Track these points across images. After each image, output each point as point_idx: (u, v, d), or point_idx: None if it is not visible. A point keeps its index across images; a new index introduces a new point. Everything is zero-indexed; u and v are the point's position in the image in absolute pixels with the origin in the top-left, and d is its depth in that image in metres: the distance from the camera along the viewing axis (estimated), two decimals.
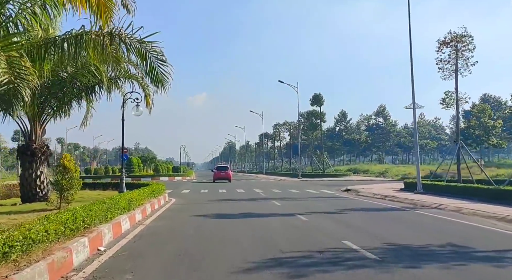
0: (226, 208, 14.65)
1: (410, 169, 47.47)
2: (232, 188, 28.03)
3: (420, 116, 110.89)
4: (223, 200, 18.12)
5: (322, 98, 50.10)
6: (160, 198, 16.24)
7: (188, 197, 20.26)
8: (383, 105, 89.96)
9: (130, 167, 51.18)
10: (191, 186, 31.55)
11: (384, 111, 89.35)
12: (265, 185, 33.31)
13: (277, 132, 78.95)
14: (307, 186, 30.97)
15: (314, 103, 50.16)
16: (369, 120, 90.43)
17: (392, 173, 45.55)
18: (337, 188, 28.11)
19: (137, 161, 53.72)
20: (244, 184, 35.61)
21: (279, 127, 75.70)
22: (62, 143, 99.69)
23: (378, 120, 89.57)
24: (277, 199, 18.67)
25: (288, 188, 27.39)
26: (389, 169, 47.60)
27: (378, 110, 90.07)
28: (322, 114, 50.63)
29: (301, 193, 23.12)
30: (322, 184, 34.53)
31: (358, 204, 16.38)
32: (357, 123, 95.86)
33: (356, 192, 23.41)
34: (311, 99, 50.36)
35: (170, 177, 50.66)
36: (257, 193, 22.73)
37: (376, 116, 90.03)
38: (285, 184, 35.32)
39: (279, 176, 56.97)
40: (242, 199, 18.59)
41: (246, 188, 28.14)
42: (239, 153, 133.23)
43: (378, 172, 48.83)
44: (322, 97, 50.00)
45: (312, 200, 18.47)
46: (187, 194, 22.91)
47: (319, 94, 50.06)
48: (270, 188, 28.39)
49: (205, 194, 22.70)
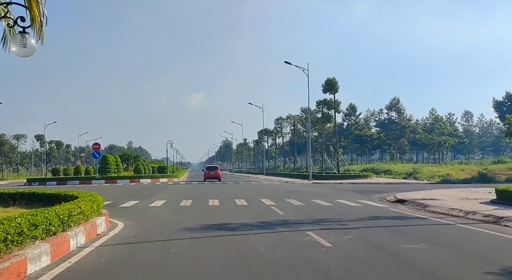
0: (217, 261, 6.25)
1: (444, 169, 39.35)
2: (228, 197, 19.61)
3: (431, 112, 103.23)
4: (212, 229, 9.65)
5: (337, 84, 41.66)
6: (81, 228, 7.80)
7: (150, 220, 11.74)
8: (396, 98, 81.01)
9: (105, 167, 42.62)
10: (171, 193, 23.10)
11: (398, 105, 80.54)
12: (272, 190, 24.91)
13: (279, 127, 70.54)
14: (332, 193, 22.59)
15: (327, 90, 41.71)
16: (380, 114, 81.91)
17: (423, 174, 37.29)
18: (377, 196, 19.90)
19: (114, 160, 45.10)
20: (245, 189, 27.17)
21: (281, 121, 67.11)
22: (42, 141, 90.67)
23: (391, 115, 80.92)
24: (310, 223, 10.30)
25: (309, 197, 19.01)
26: (419, 169, 39.37)
27: (391, 103, 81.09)
28: (336, 103, 42.12)
29: (336, 207, 14.73)
30: (347, 189, 26.15)
31: (488, 247, 8.03)
32: (364, 119, 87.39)
33: (419, 205, 15.08)
34: (323, 85, 41.91)
35: (154, 178, 42.24)
36: (269, 209, 14.26)
37: (389, 110, 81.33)
38: (297, 189, 26.92)
39: (283, 177, 48.58)
40: (247, 226, 10.13)
41: (248, 196, 19.75)
42: (235, 152, 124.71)
43: (404, 173, 40.56)
44: (336, 82, 41.57)
45: (376, 229, 9.98)
46: (156, 210, 14.38)
47: (333, 79, 41.62)
48: (282, 196, 20.00)
49: (185, 210, 14.19)
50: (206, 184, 34.56)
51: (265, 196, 20.02)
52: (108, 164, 42.54)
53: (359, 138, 73.50)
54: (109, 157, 43.70)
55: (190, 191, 25.20)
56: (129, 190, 27.14)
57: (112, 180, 39.11)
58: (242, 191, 24.86)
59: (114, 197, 19.84)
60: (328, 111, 43.04)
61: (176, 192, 23.83)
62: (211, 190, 25.16)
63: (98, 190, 28.31)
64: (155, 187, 31.22)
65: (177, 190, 26.67)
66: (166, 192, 23.97)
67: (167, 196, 20.31)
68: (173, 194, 22.47)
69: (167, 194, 22.06)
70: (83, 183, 38.28)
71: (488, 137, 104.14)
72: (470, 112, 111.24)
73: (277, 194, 21.70)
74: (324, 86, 42.02)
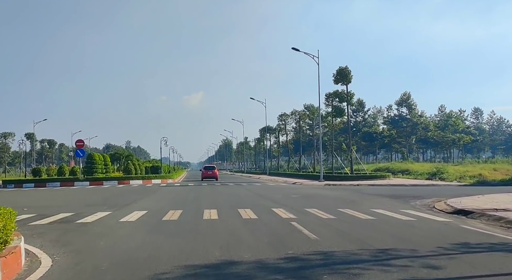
0: None
1: (472, 168, 34.99)
2: (229, 204, 15.23)
3: (441, 109, 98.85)
4: (204, 278, 5.31)
5: (350, 73, 37.17)
6: None
7: (104, 252, 7.09)
8: (407, 92, 76.22)
9: (91, 166, 38.20)
10: (158, 199, 18.72)
11: (409, 100, 75.79)
12: (283, 195, 20.46)
13: (283, 124, 66.03)
14: (358, 198, 18.23)
15: (339, 80, 37.28)
16: (389, 110, 76.99)
17: (449, 174, 32.88)
18: (419, 203, 15.69)
19: (102, 159, 40.64)
20: (249, 192, 22.78)
21: (285, 118, 62.53)
22: (32, 139, 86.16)
23: (401, 111, 76.23)
24: (372, 262, 5.90)
25: (333, 204, 14.68)
26: (443, 169, 34.96)
27: (402, 98, 76.27)
28: (350, 95, 37.67)
29: (383, 224, 10.32)
30: (372, 192, 21.75)
31: None
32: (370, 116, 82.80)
33: (498, 220, 10.72)
34: (334, 75, 37.46)
35: (145, 179, 37.81)
36: (290, 226, 9.78)
37: (399, 105, 76.55)
38: (312, 192, 22.52)
39: (289, 178, 44.20)
40: (266, 268, 5.70)
41: (255, 204, 15.35)
42: (236, 151, 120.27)
43: (426, 173, 36.18)
44: (349, 71, 37.10)
45: None
46: (126, 229, 9.78)
47: (346, 68, 37.13)
48: (298, 203, 15.61)
49: (168, 228, 9.72)
50: (204, 186, 30.24)
51: (277, 203, 15.66)
52: (94, 163, 38.06)
53: (368, 136, 68.70)
54: (95, 155, 39.19)
55: (183, 195, 20.84)
56: (110, 194, 22.79)
57: (97, 181, 34.71)
58: (246, 195, 20.51)
59: (81, 205, 15.49)
60: (340, 104, 38.55)
61: (165, 198, 19.46)
62: (208, 194, 20.81)
63: (70, 194, 23.81)
64: (144, 190, 26.84)
65: (167, 194, 22.30)
66: (153, 198, 19.60)
67: (152, 204, 15.93)
68: (160, 200, 18.10)
69: (153, 201, 17.69)
70: (64, 185, 33.93)
71: (499, 135, 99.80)
72: (480, 109, 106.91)
73: (291, 200, 17.33)
74: (335, 76, 37.58)
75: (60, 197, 21.92)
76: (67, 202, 17.87)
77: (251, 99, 60.17)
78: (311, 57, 35.21)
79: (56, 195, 23.24)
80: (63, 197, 21.40)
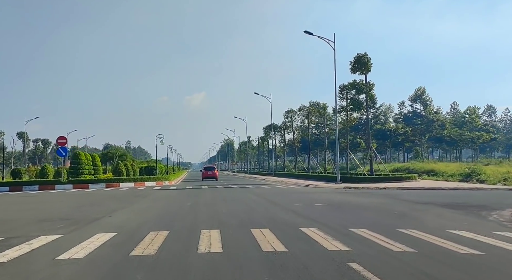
0: None
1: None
2: (238, 219, 10.74)
3: (453, 106, 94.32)
4: None
5: (369, 61, 32.69)
6: None
7: None
8: (421, 88, 71.35)
9: (76, 167, 33.84)
10: (141, 210, 14.23)
11: (424, 95, 71.03)
12: (305, 204, 15.87)
13: (289, 122, 61.51)
14: (405, 208, 13.83)
15: (357, 69, 32.79)
16: (401, 107, 72.20)
17: (488, 175, 28.39)
18: (496, 216, 11.37)
19: (91, 159, 36.22)
20: (259, 198, 18.27)
21: (292, 114, 57.92)
22: (24, 138, 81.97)
23: (415, 107, 71.49)
24: None
25: (386, 222, 10.33)
26: (479, 170, 30.45)
27: (416, 93, 71.52)
28: (369, 86, 33.25)
29: (500, 262, 5.94)
30: (416, 199, 17.27)
31: None
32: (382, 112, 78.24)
33: None
34: (352, 64, 32.96)
35: (138, 182, 33.36)
36: (350, 273, 5.45)
37: (413, 101, 71.80)
38: (338, 199, 18.08)
39: (299, 179, 39.85)
40: None
41: (274, 218, 10.84)
42: (238, 151, 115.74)
43: (458, 174, 31.70)
44: (368, 59, 32.59)
45: None
46: (55, 279, 5.55)
47: (365, 55, 32.64)
48: (336, 219, 11.15)
49: (134, 276, 5.40)
50: (204, 189, 25.94)
51: (303, 216, 11.32)
52: (80, 164, 33.65)
53: (381, 133, 63.91)
54: (81, 155, 34.69)
55: (176, 203, 16.46)
56: (87, 201, 18.43)
57: (82, 184, 30.32)
58: (257, 203, 16.12)
59: (32, 220, 11.15)
60: (358, 96, 34.06)
61: (152, 208, 15.08)
62: (208, 202, 16.42)
63: (37, 201, 18.34)
64: (132, 195, 22.48)
65: (157, 201, 17.94)
66: (137, 207, 15.22)
67: (130, 219, 11.56)
68: (145, 211, 13.72)
69: (135, 213, 13.31)
70: (44, 189, 29.63)
71: None
72: (493, 107, 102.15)
73: (318, 211, 12.96)
74: (352, 65, 33.09)
75: (17, 206, 17.50)
76: (19, 214, 13.51)
77: (255, 95, 56.09)
78: (326, 41, 30.89)
79: (16, 203, 18.86)
80: (21, 206, 16.97)
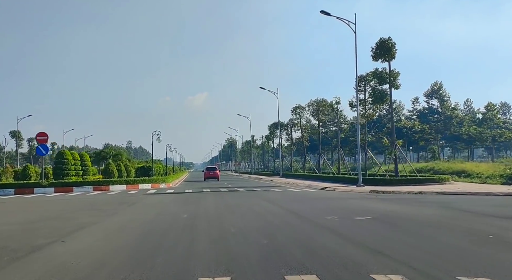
0: None
1: None
2: (259, 257, 6.64)
3: (467, 103, 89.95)
4: None
5: (394, 47, 28.56)
6: None
7: None
8: (438, 82, 66.96)
9: (61, 167, 29.86)
10: (115, 231, 10.00)
11: (440, 91, 66.70)
12: (342, 219, 11.56)
13: (296, 119, 57.29)
14: (486, 226, 9.69)
15: (380, 55, 28.63)
16: (416, 103, 67.81)
17: None
18: None
19: (78, 158, 32.18)
20: (276, 208, 14.03)
21: (300, 111, 53.61)
22: (17, 137, 78.21)
23: (431, 103, 67.13)
24: None
25: (488, 257, 6.18)
26: None
27: (432, 89, 67.23)
28: (394, 75, 29.11)
29: None
30: (481, 211, 13.10)
31: None
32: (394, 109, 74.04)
33: None
34: (374, 49, 28.78)
35: (130, 184, 29.24)
36: None
37: (429, 97, 67.41)
38: (382, 211, 13.87)
39: (312, 180, 35.75)
40: None
41: (315, 252, 6.67)
42: (241, 151, 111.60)
43: (498, 175, 27.55)
44: (393, 44, 28.46)
45: None
46: None
47: (389, 40, 28.58)
48: (414, 248, 6.97)
49: None
50: (206, 194, 21.91)
51: (353, 242, 7.23)
52: (65, 164, 29.65)
53: (397, 131, 59.23)
54: (67, 153, 30.60)
55: (167, 217, 12.36)
56: (51, 212, 14.38)
57: (65, 187, 26.31)
58: (275, 214, 11.97)
59: None
60: (381, 86, 29.94)
61: (132, 224, 10.98)
62: (210, 215, 12.34)
63: None
64: (116, 202, 18.43)
65: (143, 213, 13.87)
66: (110, 226, 11.11)
67: (84, 252, 7.47)
68: (117, 233, 9.63)
69: (101, 236, 9.22)
70: (21, 193, 25.70)
71: None
72: (508, 104, 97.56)
73: (369, 231, 8.85)
74: (374, 51, 28.90)
75: None
76: None
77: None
78: (346, 23, 26.91)
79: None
80: None
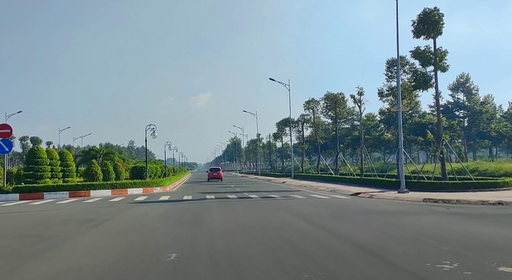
0: None
1: None
2: None
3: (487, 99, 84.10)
4: None
5: (441, 20, 23.27)
6: None
7: None
8: (464, 74, 60.99)
9: (33, 168, 24.70)
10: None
11: (467, 83, 61.12)
12: (428, 257, 6.36)
13: (307, 115, 51.90)
14: None
15: (423, 31, 23.14)
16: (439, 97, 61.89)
17: None
18: None
19: (56, 157, 26.95)
20: (318, 232, 8.36)
21: (313, 105, 48.13)
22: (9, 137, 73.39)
23: (457, 97, 61.55)
24: None
25: None
26: None
27: (458, 81, 61.46)
28: (440, 54, 23.58)
29: None
30: None
31: None
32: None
33: None
34: (415, 23, 23.33)
35: (117, 188, 23.85)
36: None
37: (454, 91, 61.80)
38: (481, 238, 8.53)
39: (332, 183, 30.41)
40: None
41: None
42: (246, 150, 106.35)
43: None
44: (440, 16, 23.16)
45: None
46: None
47: (435, 11, 23.30)
48: None
49: None
50: (209, 205, 16.61)
51: None
52: (37, 164, 24.46)
53: (421, 127, 53.57)
54: (41, 151, 25.12)
55: (130, 268, 7.03)
56: None
57: (34, 193, 21.05)
58: (325, 247, 6.57)
59: None
60: (425, 68, 24.46)
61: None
62: (218, 257, 6.96)
63: None
64: (81, 218, 13.08)
65: (106, 247, 8.44)
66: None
67: None
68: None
69: None
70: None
71: None
72: None
73: None
74: (416, 25, 23.47)
75: None
76: None
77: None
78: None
79: None
80: None
